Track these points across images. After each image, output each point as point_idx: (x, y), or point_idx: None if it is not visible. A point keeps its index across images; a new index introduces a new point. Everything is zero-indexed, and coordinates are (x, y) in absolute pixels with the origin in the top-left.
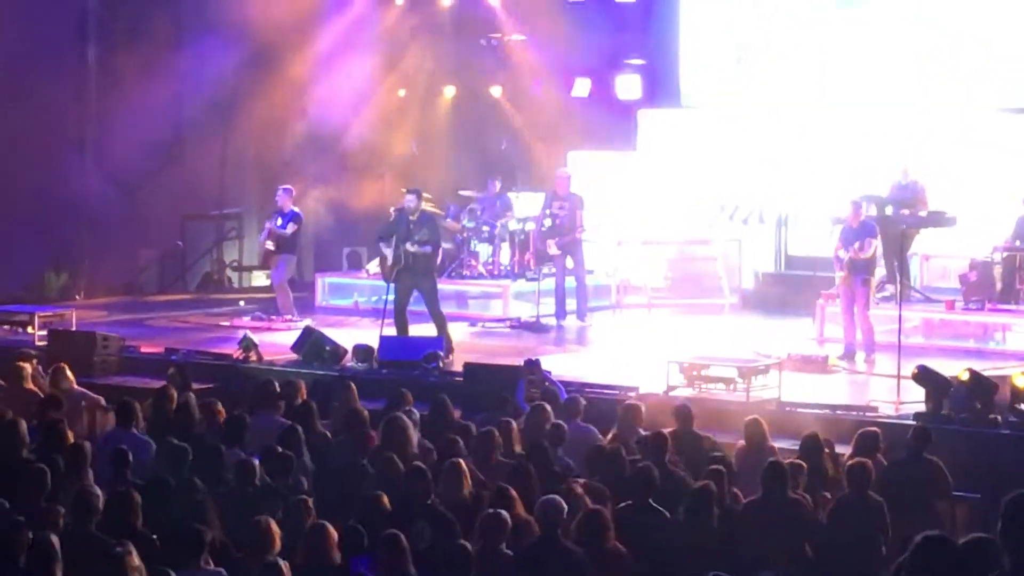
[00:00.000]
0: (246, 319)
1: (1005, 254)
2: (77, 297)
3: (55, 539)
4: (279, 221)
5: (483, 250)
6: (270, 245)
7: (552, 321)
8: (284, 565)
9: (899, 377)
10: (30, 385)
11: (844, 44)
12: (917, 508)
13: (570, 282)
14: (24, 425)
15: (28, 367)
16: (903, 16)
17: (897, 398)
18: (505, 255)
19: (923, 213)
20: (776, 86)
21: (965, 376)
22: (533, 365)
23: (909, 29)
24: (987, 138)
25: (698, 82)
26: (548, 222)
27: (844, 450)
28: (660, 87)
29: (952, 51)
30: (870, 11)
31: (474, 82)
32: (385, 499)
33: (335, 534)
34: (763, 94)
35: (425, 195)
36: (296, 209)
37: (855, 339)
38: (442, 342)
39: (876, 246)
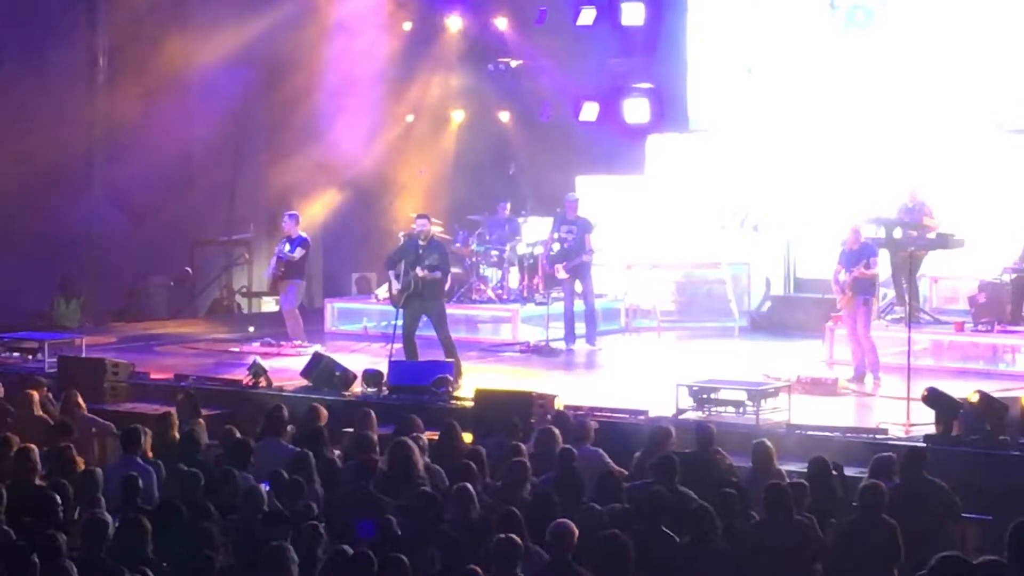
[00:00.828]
0: (256, 345)
1: (1014, 275)
2: (87, 324)
3: (72, 566)
4: (287, 247)
5: (492, 274)
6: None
7: (562, 345)
8: None
9: (909, 399)
10: (40, 412)
11: (851, 66)
12: (925, 530)
13: (579, 306)
14: (36, 452)
15: (37, 395)
16: (909, 38)
17: (907, 420)
18: (514, 279)
19: (931, 235)
20: (784, 110)
21: (975, 398)
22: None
23: (915, 50)
24: (995, 159)
25: (706, 106)
26: (556, 246)
27: (853, 472)
28: (668, 111)
29: (959, 72)
30: (876, 33)
31: (482, 107)
32: (394, 524)
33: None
34: (771, 118)
35: (434, 220)
36: (304, 235)
37: (863, 360)
38: (451, 367)
39: (877, 265)
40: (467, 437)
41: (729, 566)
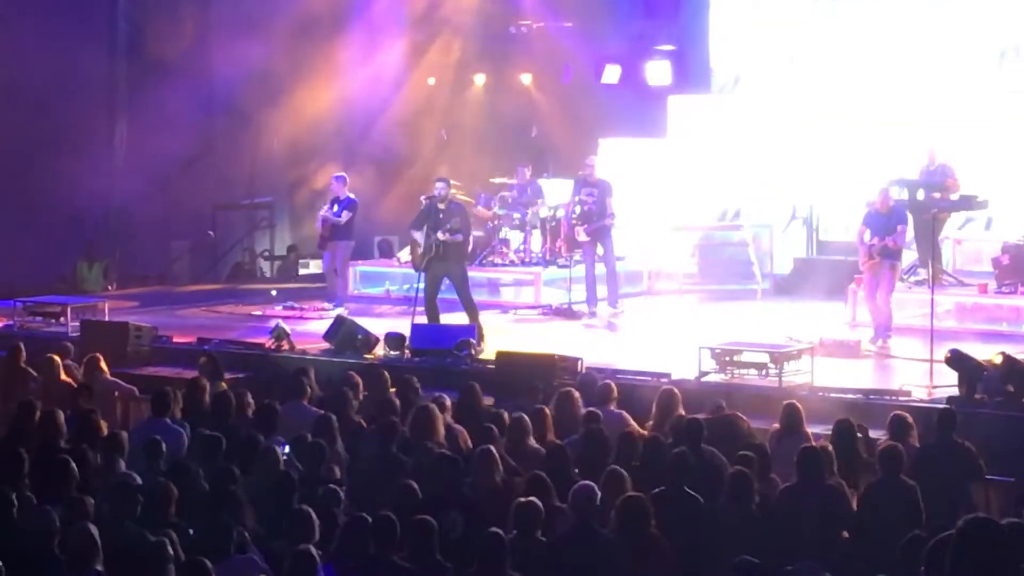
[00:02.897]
0: (278, 308)
1: None
2: (109, 288)
3: (94, 529)
4: (335, 208)
5: (514, 237)
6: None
7: (584, 308)
8: (316, 553)
9: (932, 361)
10: (64, 377)
11: (873, 26)
12: (950, 492)
13: (600, 269)
14: (61, 416)
15: (59, 360)
16: (926, 3)
17: (930, 382)
18: (536, 242)
19: (954, 196)
20: (805, 71)
21: (998, 360)
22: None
23: (938, 9)
24: (1016, 121)
25: (728, 67)
26: (577, 209)
27: (877, 435)
28: (690, 73)
29: (982, 32)
30: (894, 8)
31: (504, 70)
32: (416, 488)
33: (369, 523)
34: (792, 79)
35: (454, 183)
36: (351, 196)
37: (881, 323)
38: (474, 330)
39: (907, 231)
40: (488, 401)
41: (756, 528)
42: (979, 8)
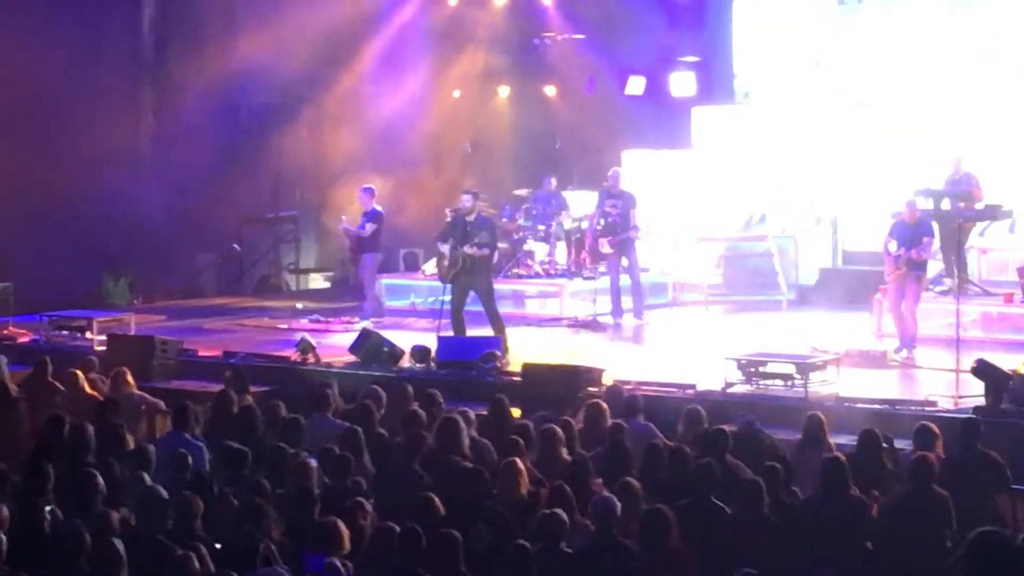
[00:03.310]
0: (304, 321)
1: None
2: (135, 302)
3: (119, 544)
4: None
5: (539, 249)
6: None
7: (609, 320)
8: (342, 565)
9: (958, 371)
10: (88, 390)
11: (896, 36)
12: (975, 502)
13: (625, 280)
14: (91, 430)
15: (82, 374)
16: (951, 9)
17: (956, 392)
18: (561, 254)
19: (979, 206)
20: (829, 81)
21: None
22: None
23: (962, 18)
24: None
25: (753, 79)
26: (601, 221)
27: (902, 445)
28: (714, 84)
29: (1005, 39)
30: (916, 5)
31: (528, 82)
32: (438, 501)
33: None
34: (816, 90)
35: (481, 196)
36: (377, 208)
37: (906, 334)
38: (499, 342)
39: (930, 244)
40: (516, 412)
41: (779, 539)
42: (1004, 14)
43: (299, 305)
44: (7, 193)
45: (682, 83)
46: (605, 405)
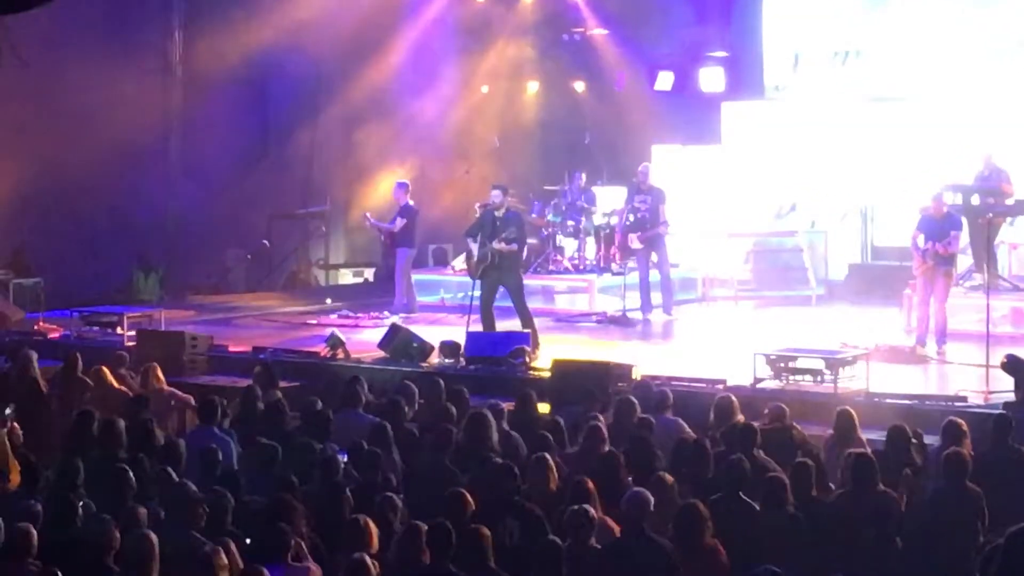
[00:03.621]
0: (333, 317)
1: None
2: (165, 297)
3: (154, 538)
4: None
5: (568, 245)
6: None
7: (638, 315)
8: (371, 563)
9: (988, 366)
10: (117, 385)
11: (926, 33)
12: (1006, 497)
13: (654, 276)
14: (121, 425)
15: (108, 370)
16: (983, 1)
17: (986, 387)
18: (590, 249)
19: (1009, 201)
20: (859, 76)
21: None
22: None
23: (989, 15)
24: None
25: (782, 73)
26: (631, 217)
27: (932, 440)
28: (743, 79)
29: None
30: (948, 3)
31: (557, 77)
32: (468, 497)
33: (424, 532)
34: (845, 84)
35: (510, 191)
36: (409, 202)
37: (927, 329)
38: (528, 338)
39: (959, 239)
40: (544, 408)
41: (806, 535)
42: None
43: (328, 300)
44: (37, 190)
45: (711, 78)
46: (635, 400)
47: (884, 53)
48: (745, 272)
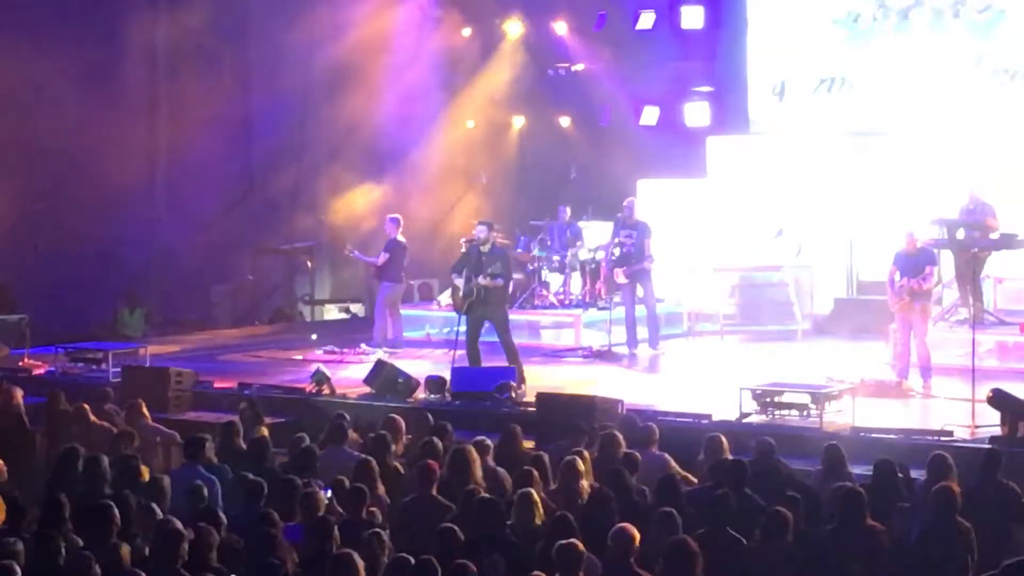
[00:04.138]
0: (319, 352)
1: None
2: (149, 333)
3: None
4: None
5: (554, 280)
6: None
7: (624, 350)
8: None
9: (974, 401)
10: (99, 422)
11: (910, 66)
12: (994, 533)
13: (640, 311)
14: (106, 462)
15: (88, 407)
16: (964, 38)
17: (972, 422)
18: (576, 284)
19: (994, 236)
20: (844, 111)
21: None
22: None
23: (971, 49)
24: None
25: (766, 108)
26: (616, 251)
27: (918, 474)
28: (728, 114)
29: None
30: (931, 36)
31: (542, 112)
32: (459, 531)
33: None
34: (831, 120)
35: (495, 227)
36: (396, 238)
37: (908, 365)
38: (514, 372)
39: (937, 273)
40: (529, 443)
41: (796, 570)
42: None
43: (314, 336)
44: (23, 226)
45: (696, 113)
46: (620, 435)
47: (868, 86)
48: (730, 306)
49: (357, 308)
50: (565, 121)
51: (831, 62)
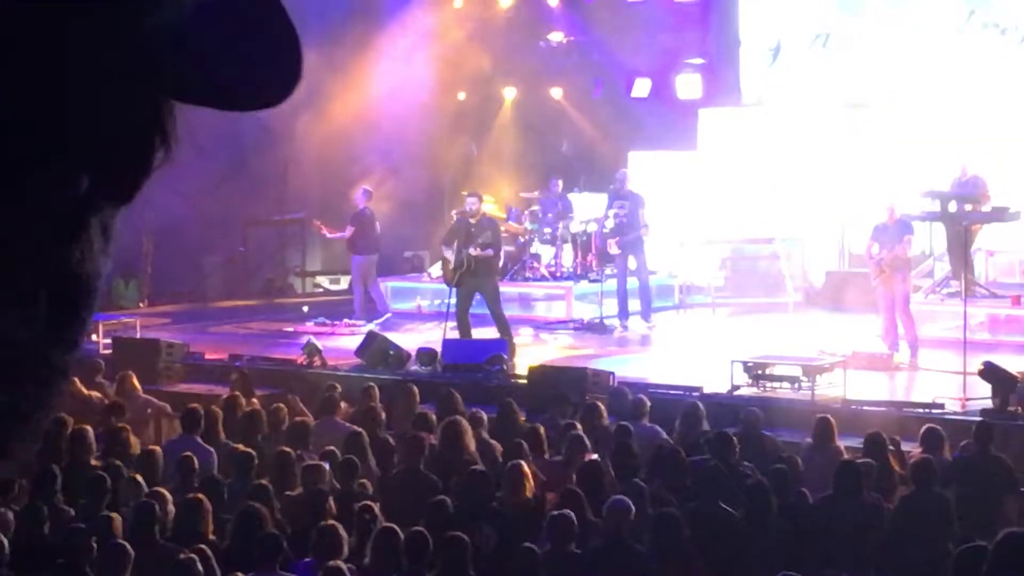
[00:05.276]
0: (310, 324)
1: None
2: (141, 304)
3: (128, 547)
4: None
5: (545, 252)
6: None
7: (615, 322)
8: (347, 569)
9: (965, 373)
10: (88, 393)
11: (903, 39)
12: (985, 504)
13: (632, 283)
14: (91, 433)
15: (77, 379)
16: (963, 15)
17: (963, 395)
18: (567, 257)
19: (986, 208)
20: (837, 84)
21: None
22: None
23: (963, 24)
24: None
25: (758, 79)
26: (610, 222)
27: (910, 447)
28: (720, 86)
29: (1010, 45)
30: (923, 5)
31: (534, 84)
32: (448, 503)
33: (402, 539)
34: (824, 92)
35: (486, 197)
36: (363, 207)
37: (896, 338)
38: (505, 345)
39: (910, 242)
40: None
41: (788, 542)
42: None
43: (305, 308)
44: None
45: (688, 85)
46: (602, 406)
47: (860, 49)
48: (721, 279)
49: (346, 280)
50: (557, 93)
51: (824, 19)
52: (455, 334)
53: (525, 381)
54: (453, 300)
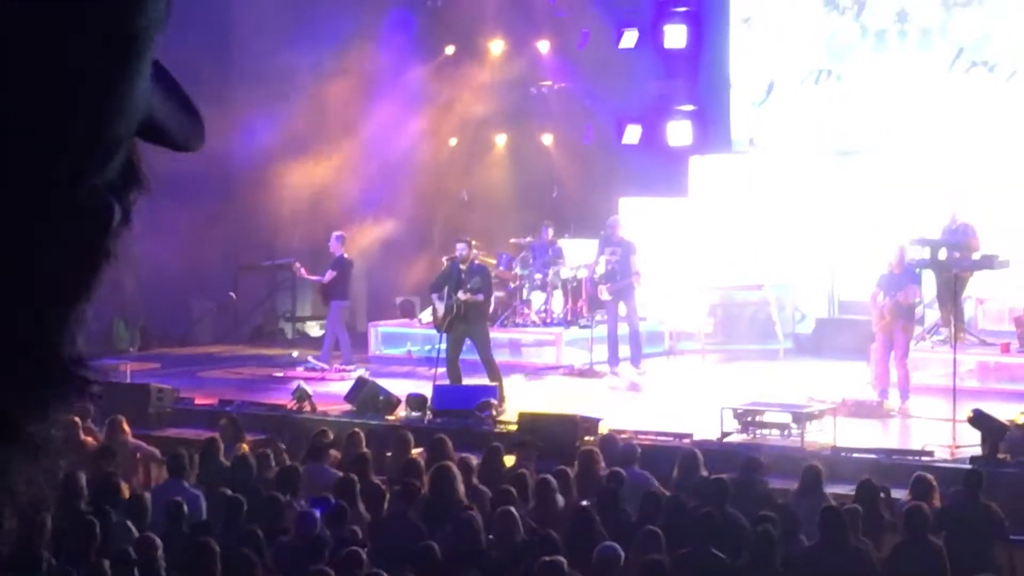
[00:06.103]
0: (300, 369)
1: None
2: (132, 349)
3: None
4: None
5: (536, 298)
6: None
7: (605, 368)
8: None
9: (954, 421)
10: (83, 437)
11: (892, 86)
12: (974, 552)
13: (623, 329)
14: (83, 478)
15: (79, 419)
16: (943, 55)
17: (953, 442)
18: (558, 303)
19: (976, 256)
20: (826, 131)
21: (1021, 419)
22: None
23: (951, 68)
24: None
25: (748, 127)
26: (600, 268)
27: (899, 495)
28: (711, 133)
29: (998, 89)
30: (912, 53)
31: (525, 130)
32: (435, 548)
33: None
34: (813, 139)
35: (475, 244)
36: (342, 254)
37: (888, 385)
38: (495, 391)
39: (918, 292)
40: (509, 460)
41: None
42: (1000, 71)
43: (295, 353)
44: None
45: (679, 132)
46: (598, 453)
47: (851, 108)
48: (711, 325)
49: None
50: (548, 139)
51: (816, 60)
52: (445, 380)
53: (515, 427)
54: (443, 346)
